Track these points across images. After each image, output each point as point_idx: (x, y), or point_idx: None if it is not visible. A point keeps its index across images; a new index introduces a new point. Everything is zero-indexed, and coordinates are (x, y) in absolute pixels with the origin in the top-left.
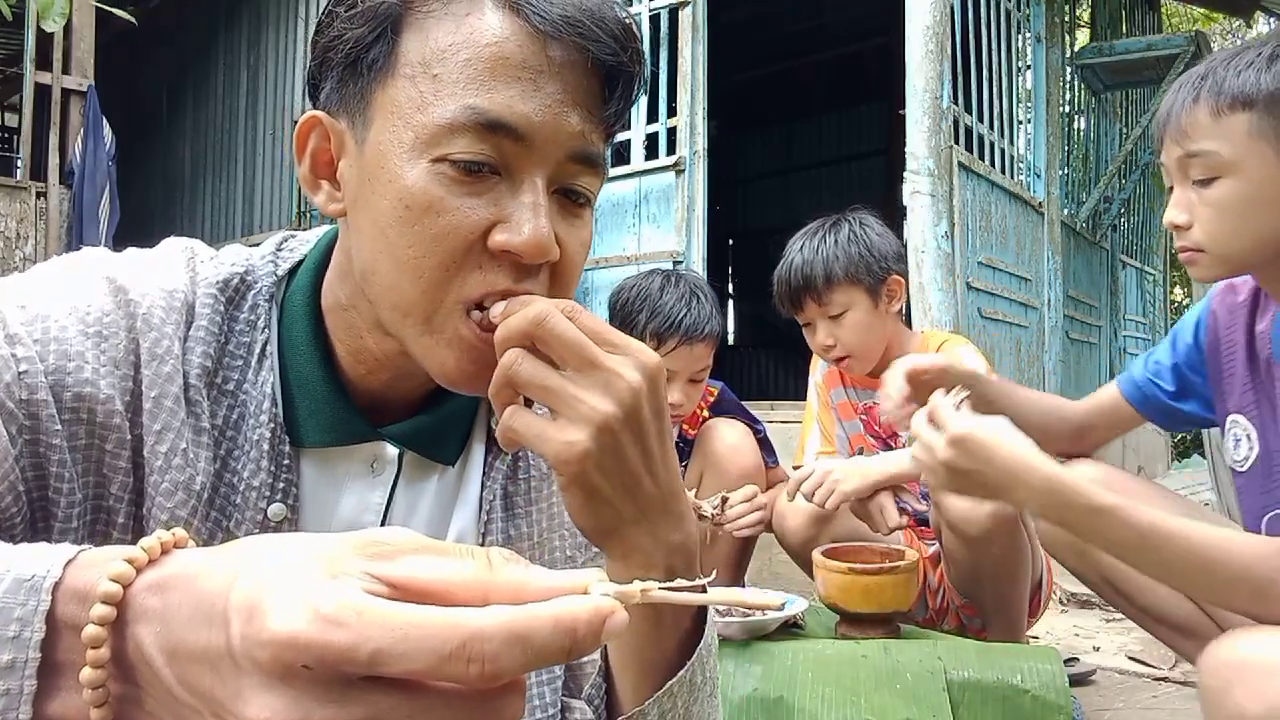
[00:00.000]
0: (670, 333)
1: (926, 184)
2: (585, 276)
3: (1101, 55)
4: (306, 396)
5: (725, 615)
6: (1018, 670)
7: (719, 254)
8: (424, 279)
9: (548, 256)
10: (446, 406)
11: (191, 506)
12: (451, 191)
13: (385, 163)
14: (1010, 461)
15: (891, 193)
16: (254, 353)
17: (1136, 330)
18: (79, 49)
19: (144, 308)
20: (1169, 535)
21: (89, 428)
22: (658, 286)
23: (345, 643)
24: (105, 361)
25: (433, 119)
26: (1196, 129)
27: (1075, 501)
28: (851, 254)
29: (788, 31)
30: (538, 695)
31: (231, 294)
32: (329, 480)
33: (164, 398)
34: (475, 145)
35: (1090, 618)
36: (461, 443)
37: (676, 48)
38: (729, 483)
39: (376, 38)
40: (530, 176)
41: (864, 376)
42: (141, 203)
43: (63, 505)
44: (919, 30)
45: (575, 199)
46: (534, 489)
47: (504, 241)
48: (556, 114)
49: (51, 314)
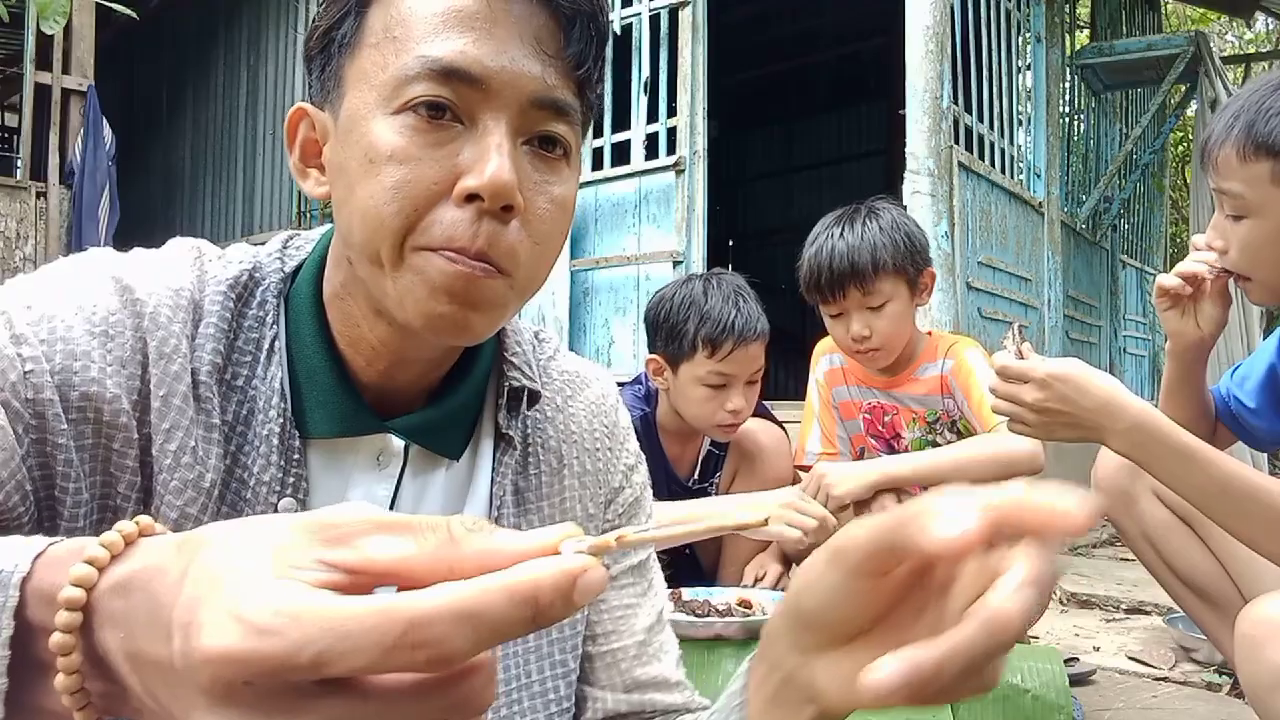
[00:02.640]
0: (724, 337)
1: (926, 184)
2: (585, 277)
3: (1101, 55)
4: (314, 388)
5: (725, 615)
6: (1018, 670)
7: (719, 254)
8: (385, 226)
9: (508, 199)
10: (452, 400)
11: (201, 504)
12: (413, 141)
13: (354, 126)
14: (1101, 397)
15: (891, 193)
16: (263, 348)
17: (1136, 330)
18: (79, 49)
19: (151, 306)
20: (1254, 487)
21: (95, 427)
22: (700, 291)
23: (282, 651)
24: (112, 361)
25: (392, 75)
26: (1227, 168)
27: (1165, 442)
28: (897, 241)
29: (788, 31)
30: (552, 690)
31: (240, 291)
32: (336, 472)
33: (172, 396)
34: (434, 89)
35: (1090, 618)
36: (467, 436)
37: (676, 48)
38: (763, 484)
39: (344, 15)
40: (491, 122)
41: (868, 374)
42: (141, 203)
43: (69, 504)
44: (919, 30)
45: (551, 149)
46: (544, 483)
47: (465, 185)
48: (513, 59)
49: (58, 314)
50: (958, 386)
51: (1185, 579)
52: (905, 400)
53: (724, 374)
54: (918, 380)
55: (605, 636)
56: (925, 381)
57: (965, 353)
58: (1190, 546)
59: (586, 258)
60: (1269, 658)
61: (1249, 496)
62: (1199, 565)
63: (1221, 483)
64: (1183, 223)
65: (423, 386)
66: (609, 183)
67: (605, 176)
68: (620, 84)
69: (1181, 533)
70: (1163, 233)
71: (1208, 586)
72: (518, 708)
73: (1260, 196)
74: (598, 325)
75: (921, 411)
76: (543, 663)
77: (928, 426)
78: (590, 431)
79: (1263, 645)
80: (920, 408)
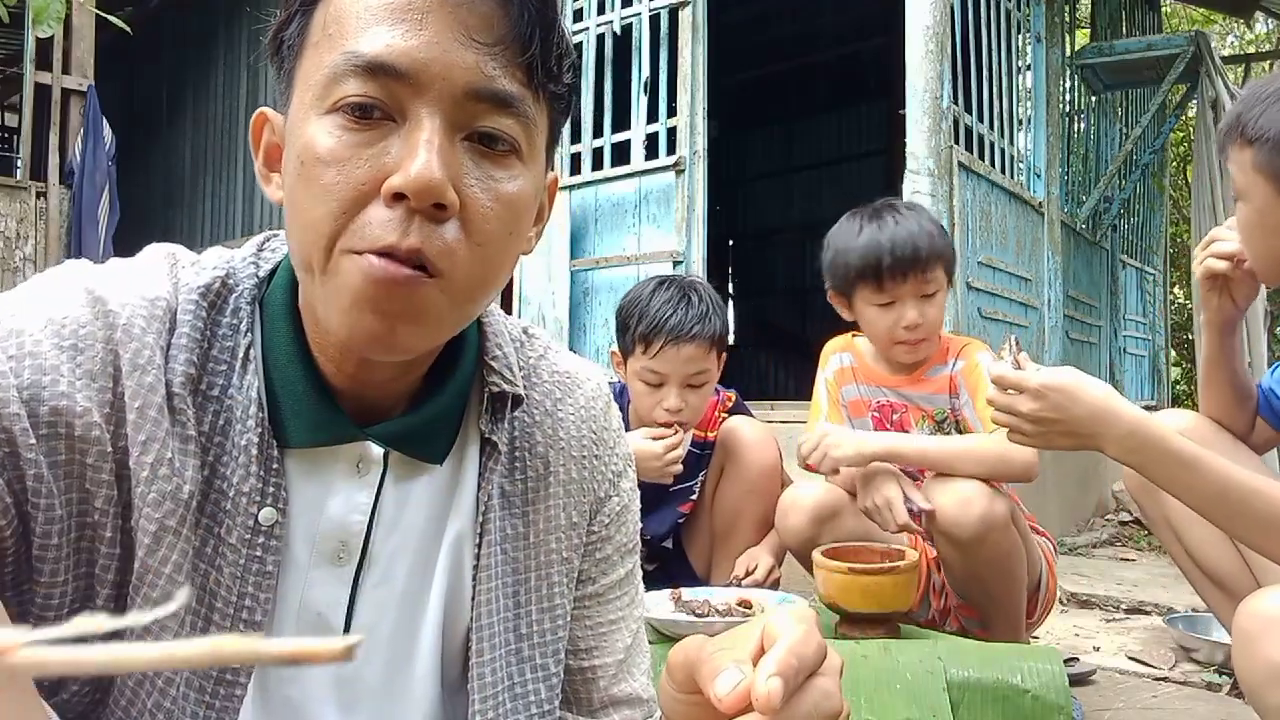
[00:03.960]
0: (655, 334)
1: (926, 184)
2: (585, 277)
3: (1101, 55)
4: (290, 397)
5: (726, 615)
6: (1018, 670)
7: (719, 254)
8: (315, 229)
9: (436, 197)
10: (432, 406)
11: (180, 515)
12: (343, 142)
13: (292, 129)
14: (1096, 406)
15: (891, 193)
16: (238, 357)
17: (1136, 330)
18: (79, 49)
19: (124, 318)
20: (1251, 491)
21: (68, 442)
22: (650, 291)
23: None
24: (81, 375)
25: (323, 74)
26: (1230, 154)
27: (1159, 448)
28: (937, 234)
29: (788, 31)
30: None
31: (213, 299)
32: (316, 481)
33: (148, 408)
34: (360, 89)
35: (1090, 618)
36: (449, 442)
37: (676, 48)
38: (750, 479)
39: (291, 16)
40: (423, 116)
41: (878, 373)
42: (141, 203)
43: (40, 521)
44: (919, 30)
45: (494, 145)
46: (531, 489)
47: (390, 184)
48: (445, 49)
49: (26, 328)
50: (965, 386)
51: (1204, 567)
52: (915, 399)
53: (656, 372)
54: (928, 380)
55: (588, 652)
56: (935, 381)
57: (976, 354)
58: (1212, 538)
59: (586, 258)
60: (1264, 653)
61: (1247, 500)
62: (1221, 558)
63: (1219, 487)
64: (1183, 223)
65: (401, 391)
66: (609, 183)
67: (605, 176)
68: (620, 84)
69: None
70: (1163, 233)
71: (1227, 578)
72: (501, 710)
73: (1246, 181)
74: (598, 325)
75: (931, 410)
76: (524, 665)
77: (936, 426)
78: (578, 438)
79: (1257, 640)
80: (929, 407)
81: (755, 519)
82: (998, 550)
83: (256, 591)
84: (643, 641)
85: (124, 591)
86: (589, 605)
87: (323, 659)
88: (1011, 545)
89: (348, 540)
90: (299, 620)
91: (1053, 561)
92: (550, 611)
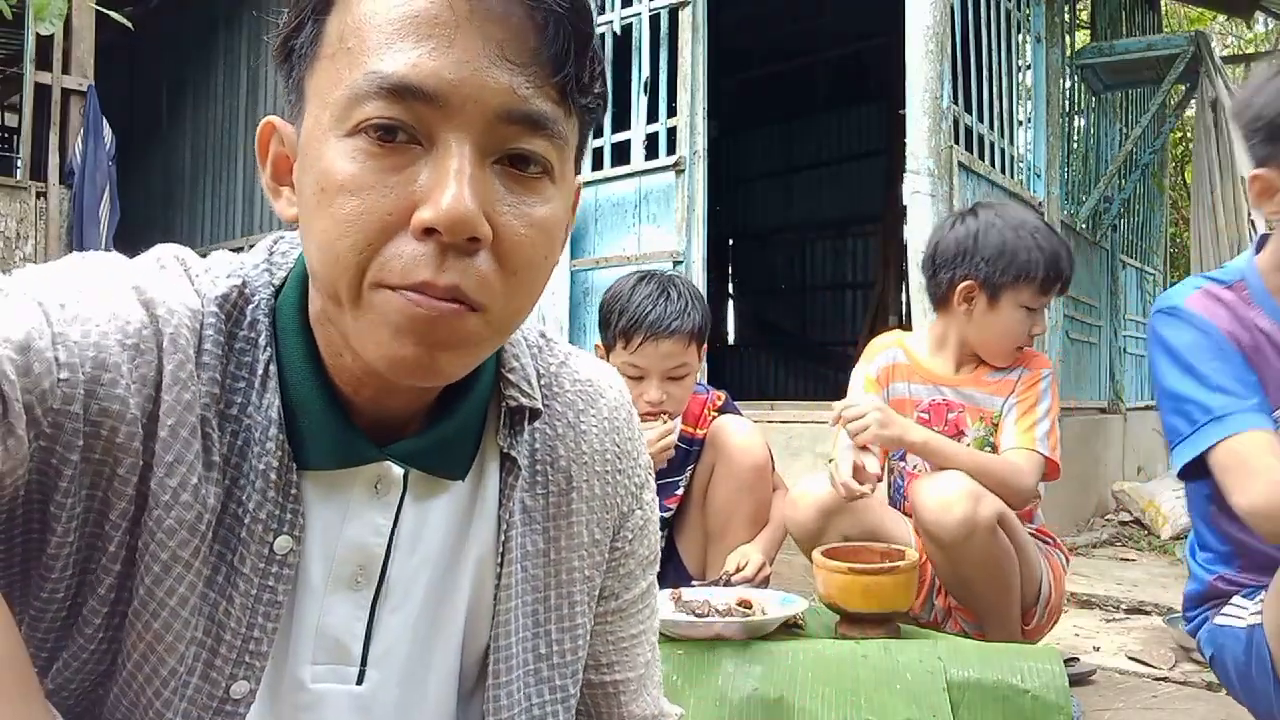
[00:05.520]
0: (635, 329)
1: (926, 184)
2: (585, 277)
3: (1101, 55)
4: (307, 418)
5: (726, 615)
6: (1018, 670)
7: (719, 254)
8: (340, 262)
9: (470, 232)
10: (451, 422)
11: (194, 547)
12: (367, 168)
13: (309, 149)
14: None
15: (891, 193)
16: (256, 374)
17: (1136, 330)
18: (79, 49)
19: (172, 326)
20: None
21: (106, 444)
22: (630, 286)
23: None
24: (136, 379)
25: (343, 93)
26: None
27: None
28: None
29: (788, 31)
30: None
31: (230, 310)
32: (334, 505)
33: (180, 427)
34: (384, 111)
35: (1090, 618)
36: (470, 457)
37: (676, 48)
38: (739, 476)
39: (302, 22)
40: (452, 142)
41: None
42: (141, 203)
43: (63, 519)
44: (919, 30)
45: (525, 168)
46: (553, 504)
47: (420, 219)
48: (476, 69)
49: (93, 318)
50: (1018, 391)
51: None
52: (975, 398)
53: (636, 365)
54: (989, 382)
55: (609, 667)
56: (995, 384)
57: (1043, 371)
58: None
59: (586, 258)
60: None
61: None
62: None
63: None
64: (1183, 223)
65: (419, 408)
66: (609, 183)
67: (605, 176)
68: (620, 84)
69: None
70: (1163, 233)
71: None
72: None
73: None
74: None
75: (990, 412)
76: (542, 687)
77: (992, 427)
78: (601, 452)
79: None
80: (989, 408)
81: (747, 516)
82: (984, 554)
83: (265, 622)
84: (658, 653)
85: (119, 609)
86: (611, 620)
87: None
88: (1000, 551)
89: (366, 564)
90: (316, 647)
91: (1061, 574)
92: (570, 631)
